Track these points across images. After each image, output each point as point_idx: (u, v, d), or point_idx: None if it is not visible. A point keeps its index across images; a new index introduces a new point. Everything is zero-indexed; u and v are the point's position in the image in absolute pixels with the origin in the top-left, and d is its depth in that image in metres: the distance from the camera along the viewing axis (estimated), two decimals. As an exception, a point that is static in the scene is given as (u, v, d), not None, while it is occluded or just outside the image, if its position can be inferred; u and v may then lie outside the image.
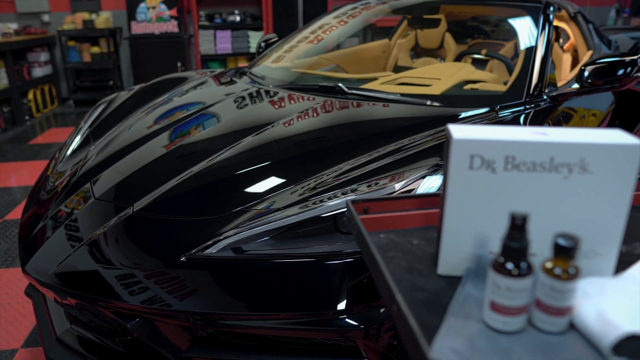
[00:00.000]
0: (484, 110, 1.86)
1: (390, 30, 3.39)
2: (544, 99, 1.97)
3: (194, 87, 2.44)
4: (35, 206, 1.73)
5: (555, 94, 2.01)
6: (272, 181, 1.50)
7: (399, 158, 1.50)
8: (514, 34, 2.61)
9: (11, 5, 6.26)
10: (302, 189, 1.43)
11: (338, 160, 1.55)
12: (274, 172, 1.55)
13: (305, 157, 1.64)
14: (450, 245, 0.71)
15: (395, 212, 0.87)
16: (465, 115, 1.83)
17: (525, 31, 2.29)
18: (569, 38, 2.71)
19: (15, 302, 2.28)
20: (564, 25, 2.63)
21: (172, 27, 6.24)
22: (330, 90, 2.12)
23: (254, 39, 6.44)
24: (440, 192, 0.73)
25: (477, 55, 2.68)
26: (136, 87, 2.61)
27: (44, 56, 6.18)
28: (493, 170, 0.66)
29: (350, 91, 2.07)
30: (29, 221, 1.66)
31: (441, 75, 2.23)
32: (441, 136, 1.61)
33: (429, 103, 1.94)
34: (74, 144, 2.09)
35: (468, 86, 2.13)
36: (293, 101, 2.05)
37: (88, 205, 1.58)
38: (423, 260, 0.76)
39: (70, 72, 6.36)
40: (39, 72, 6.06)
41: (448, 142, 0.67)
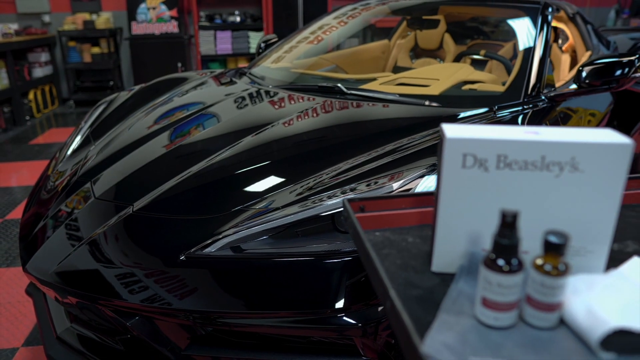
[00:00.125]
0: (482, 111, 1.86)
1: (390, 31, 3.40)
2: (542, 99, 1.98)
3: (194, 88, 2.45)
4: (36, 206, 1.74)
5: (553, 94, 2.02)
6: (272, 180, 1.51)
7: (397, 157, 1.51)
8: (512, 35, 2.61)
9: (12, 6, 6.28)
10: (301, 188, 1.44)
11: (337, 159, 1.55)
12: (273, 172, 1.56)
13: (304, 157, 1.65)
14: (444, 243, 0.72)
15: (391, 211, 0.88)
16: (463, 115, 1.83)
17: (524, 32, 2.29)
18: (567, 39, 2.72)
19: (16, 301, 2.29)
20: (562, 26, 2.64)
21: (173, 28, 6.25)
22: (329, 91, 2.13)
23: (254, 39, 6.45)
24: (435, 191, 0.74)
25: (476, 56, 2.69)
26: (136, 88, 2.62)
27: (44, 56, 6.19)
28: (485, 168, 0.67)
29: (349, 91, 2.08)
30: (30, 221, 1.67)
31: (440, 76, 2.23)
32: (439, 136, 1.61)
33: (427, 103, 1.94)
34: (74, 144, 2.09)
35: (466, 87, 2.14)
36: (293, 101, 2.06)
37: (88, 204, 1.59)
38: (418, 257, 0.76)
39: (70, 73, 6.37)
40: (39, 73, 6.08)
41: (442, 141, 0.68)
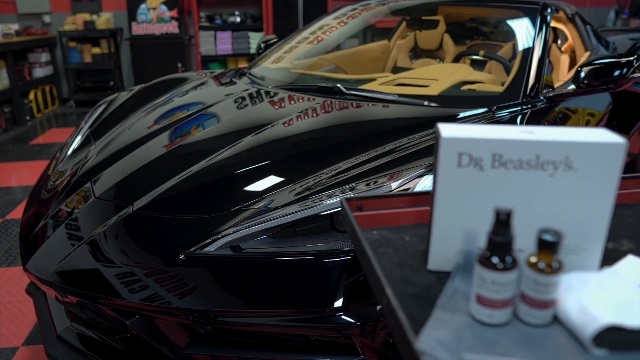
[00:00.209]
0: (481, 111, 1.87)
1: (390, 32, 3.40)
2: (540, 99, 1.98)
3: (194, 88, 2.46)
4: (36, 205, 1.75)
5: (552, 94, 2.02)
6: (271, 180, 1.52)
7: (397, 157, 1.52)
8: (512, 35, 2.62)
9: (12, 6, 6.29)
10: (301, 187, 1.45)
11: (337, 159, 1.56)
12: (273, 171, 1.57)
13: (304, 157, 1.65)
14: (440, 241, 0.73)
15: (389, 210, 0.88)
16: (462, 115, 1.84)
17: (523, 32, 2.30)
18: (567, 39, 2.73)
19: (17, 301, 2.30)
20: (562, 27, 2.65)
21: (173, 28, 6.26)
22: (328, 91, 2.13)
23: (254, 39, 6.46)
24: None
25: (476, 57, 2.70)
26: (136, 88, 2.63)
27: (44, 57, 6.21)
28: (481, 167, 0.68)
29: (348, 92, 2.09)
30: (30, 220, 1.68)
31: (439, 76, 2.24)
32: None
33: (426, 104, 1.95)
34: (75, 144, 2.10)
35: (465, 87, 2.14)
36: (292, 102, 2.06)
37: (88, 204, 1.59)
38: (414, 256, 0.77)
39: (71, 73, 6.38)
40: (39, 73, 6.09)
41: (437, 141, 0.69)
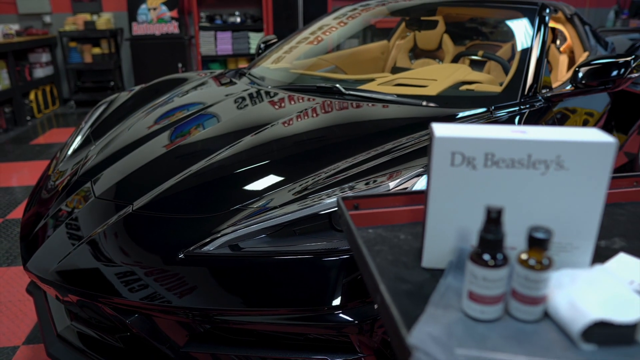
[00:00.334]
0: (479, 111, 1.88)
1: (390, 32, 3.41)
2: (539, 99, 1.99)
3: (194, 88, 2.47)
4: (37, 205, 1.76)
5: (550, 94, 2.03)
6: (270, 179, 1.53)
7: (395, 157, 1.53)
8: (511, 36, 2.63)
9: (13, 7, 6.31)
10: (300, 187, 1.46)
11: (336, 159, 1.57)
12: (272, 171, 1.58)
13: (303, 156, 1.66)
14: (434, 239, 0.74)
15: (385, 209, 0.89)
16: (461, 115, 1.85)
17: (521, 33, 2.31)
18: (565, 40, 2.74)
19: (17, 300, 2.31)
20: (560, 27, 2.66)
21: (173, 28, 6.28)
22: (328, 91, 2.14)
23: (255, 40, 6.47)
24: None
25: (475, 57, 2.71)
26: (137, 88, 2.64)
27: (45, 57, 6.22)
28: (473, 166, 0.69)
29: (347, 92, 2.10)
30: (30, 220, 1.69)
31: (437, 77, 2.25)
32: None
33: (425, 104, 1.96)
34: (75, 144, 2.11)
35: (464, 87, 2.15)
36: (292, 102, 2.07)
37: (88, 204, 1.60)
38: (409, 254, 0.78)
39: (71, 73, 6.40)
40: (40, 73, 6.10)
41: (432, 140, 0.70)
